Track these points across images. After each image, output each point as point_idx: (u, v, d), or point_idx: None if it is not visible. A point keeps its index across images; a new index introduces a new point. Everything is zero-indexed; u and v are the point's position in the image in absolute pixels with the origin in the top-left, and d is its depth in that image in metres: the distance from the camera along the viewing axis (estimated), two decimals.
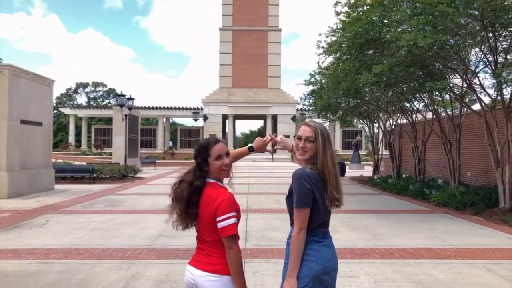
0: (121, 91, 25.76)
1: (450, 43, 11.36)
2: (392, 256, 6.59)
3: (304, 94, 22.60)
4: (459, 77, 12.87)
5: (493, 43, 10.94)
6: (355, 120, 28.35)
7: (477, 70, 12.38)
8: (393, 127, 21.35)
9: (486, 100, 12.36)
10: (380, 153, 23.48)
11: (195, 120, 49.57)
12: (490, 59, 11.43)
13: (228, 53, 48.94)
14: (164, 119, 54.03)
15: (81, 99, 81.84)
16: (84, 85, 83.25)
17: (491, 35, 10.78)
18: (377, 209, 11.95)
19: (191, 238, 2.53)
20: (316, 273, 2.29)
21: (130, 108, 25.64)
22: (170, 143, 52.54)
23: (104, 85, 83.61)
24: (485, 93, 11.99)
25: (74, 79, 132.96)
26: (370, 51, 13.29)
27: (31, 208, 11.44)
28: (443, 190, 13.08)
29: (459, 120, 13.99)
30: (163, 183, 18.20)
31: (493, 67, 11.05)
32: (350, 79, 13.97)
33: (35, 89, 15.53)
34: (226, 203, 2.22)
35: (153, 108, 52.44)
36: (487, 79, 13.43)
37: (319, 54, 15.94)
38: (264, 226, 8.98)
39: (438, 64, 12.21)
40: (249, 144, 2.99)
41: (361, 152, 38.60)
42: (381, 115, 21.68)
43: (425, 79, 11.82)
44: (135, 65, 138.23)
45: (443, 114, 15.63)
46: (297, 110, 48.67)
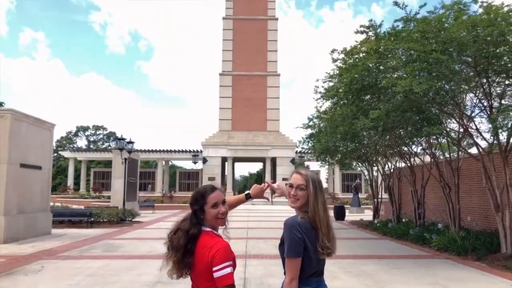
0: (121, 135, 25.93)
1: (446, 89, 11.58)
2: None
3: (303, 138, 22.68)
4: (456, 122, 13.03)
5: (487, 89, 11.17)
6: (354, 163, 28.39)
7: (473, 115, 12.55)
8: (392, 171, 21.37)
9: (483, 144, 12.47)
10: (380, 197, 23.38)
11: (194, 163, 49.61)
12: (485, 104, 11.62)
13: (228, 97, 49.60)
14: (164, 162, 54.10)
15: (81, 142, 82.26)
16: (85, 129, 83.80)
17: (485, 81, 11.02)
18: (378, 254, 11.79)
19: (188, 286, 2.51)
20: None
21: (130, 152, 25.73)
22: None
23: (105, 128, 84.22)
24: (482, 137, 12.12)
25: (75, 122, 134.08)
26: (367, 97, 13.51)
27: (27, 254, 11.28)
28: (444, 235, 12.95)
29: (457, 164, 14.04)
30: (161, 228, 18.01)
31: (489, 112, 11.21)
32: (348, 124, 14.13)
33: (36, 133, 15.67)
34: (222, 253, 2.23)
35: (153, 151, 52.61)
36: (483, 123, 13.60)
37: (317, 99, 16.20)
38: (263, 273, 8.83)
39: (434, 109, 12.39)
40: (246, 191, 3.01)
41: (361, 196, 38.39)
42: (380, 159, 21.74)
43: (422, 124, 11.96)
44: (136, 109, 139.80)
45: (441, 158, 15.70)
46: (296, 153, 48.81)
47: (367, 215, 26.84)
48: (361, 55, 12.60)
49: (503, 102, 11.65)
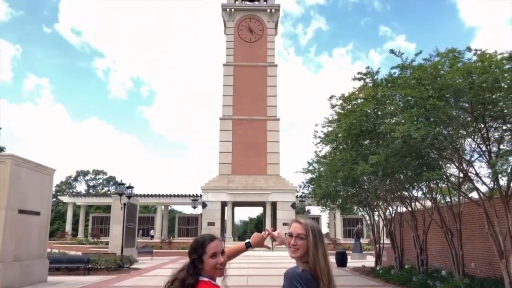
0: (121, 180, 25.92)
1: (444, 134, 11.68)
2: None
3: (303, 182, 22.68)
4: (455, 167, 13.05)
5: (485, 134, 11.26)
6: (355, 208, 28.18)
7: (472, 160, 12.59)
8: (393, 216, 21.18)
9: (484, 189, 12.44)
10: (382, 242, 23.04)
11: (194, 208, 49.22)
12: (484, 149, 11.68)
13: (228, 141, 49.87)
14: (163, 207, 53.69)
15: (81, 187, 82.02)
16: (85, 173, 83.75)
17: (483, 126, 11.13)
18: None
19: None
20: None
21: (129, 197, 25.61)
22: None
23: (104, 173, 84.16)
24: (482, 182, 12.09)
25: (76, 167, 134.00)
26: (366, 142, 13.62)
27: None
28: (448, 282, 12.68)
29: (458, 209, 13.93)
30: (159, 275, 17.66)
31: (488, 157, 11.25)
32: (348, 169, 14.16)
33: (36, 178, 15.65)
34: None
35: (152, 196, 52.32)
36: (483, 168, 13.59)
37: (317, 144, 16.32)
38: None
39: (433, 154, 12.45)
40: (246, 240, 2.99)
41: (363, 241, 37.83)
42: (381, 203, 21.61)
43: (422, 169, 11.98)
44: (137, 153, 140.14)
45: (442, 202, 15.60)
46: (297, 197, 48.52)
47: (369, 261, 26.34)
48: (359, 101, 12.80)
49: (502, 147, 11.72)
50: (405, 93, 10.43)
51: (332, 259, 22.54)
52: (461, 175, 12.93)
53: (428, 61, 11.42)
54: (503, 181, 11.32)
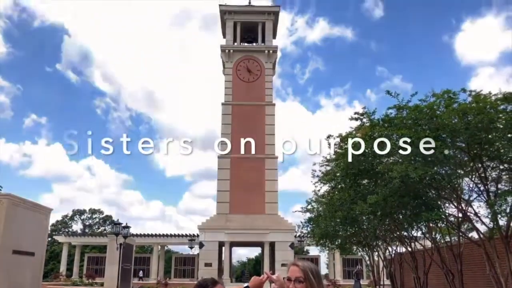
0: (117, 219, 25.75)
1: (441, 174, 11.70)
2: None
3: (302, 222, 22.52)
4: (454, 206, 12.99)
5: (483, 173, 11.28)
6: (355, 248, 27.82)
7: (471, 199, 12.55)
8: (393, 256, 20.90)
9: (483, 229, 12.34)
10: (382, 283, 22.62)
11: (191, 248, 48.48)
12: (482, 189, 11.66)
13: (226, 180, 49.66)
14: (159, 247, 52.85)
15: (77, 226, 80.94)
16: (81, 212, 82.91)
17: (480, 166, 11.17)
18: None
19: None
20: None
21: (125, 237, 25.28)
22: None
23: (101, 212, 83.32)
24: (481, 222, 12.02)
25: (72, 206, 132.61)
26: (364, 181, 13.61)
27: None
28: None
29: (459, 250, 13.76)
30: None
31: (486, 197, 11.23)
32: (346, 208, 14.11)
33: (32, 218, 15.46)
34: None
35: (148, 236, 51.61)
36: (482, 207, 13.51)
37: (315, 183, 16.31)
38: None
39: (432, 194, 12.42)
40: (245, 284, 2.97)
41: (363, 282, 37.03)
42: (380, 243, 21.37)
43: (420, 209, 11.92)
44: (134, 192, 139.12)
45: (442, 242, 15.43)
46: (295, 237, 47.91)
47: None
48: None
49: (500, 186, 11.70)
50: (402, 133, 10.53)
51: None
52: (460, 215, 12.86)
53: (424, 102, 11.55)
54: (503, 221, 11.26)
